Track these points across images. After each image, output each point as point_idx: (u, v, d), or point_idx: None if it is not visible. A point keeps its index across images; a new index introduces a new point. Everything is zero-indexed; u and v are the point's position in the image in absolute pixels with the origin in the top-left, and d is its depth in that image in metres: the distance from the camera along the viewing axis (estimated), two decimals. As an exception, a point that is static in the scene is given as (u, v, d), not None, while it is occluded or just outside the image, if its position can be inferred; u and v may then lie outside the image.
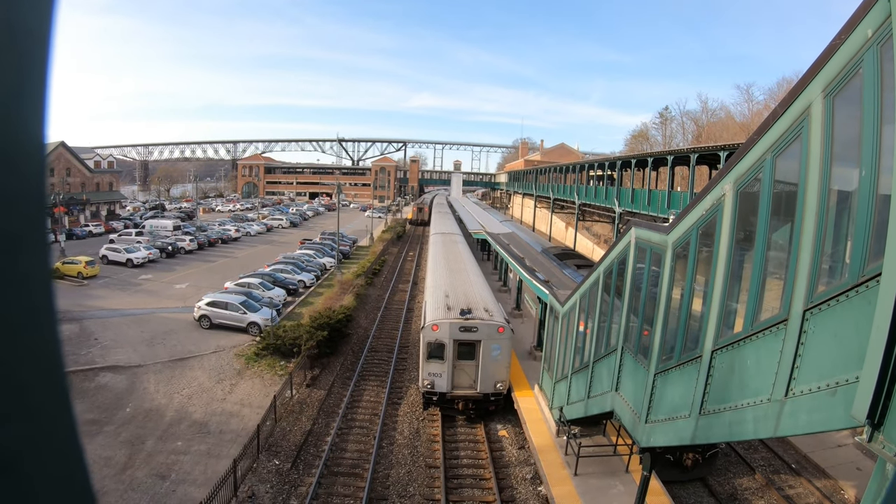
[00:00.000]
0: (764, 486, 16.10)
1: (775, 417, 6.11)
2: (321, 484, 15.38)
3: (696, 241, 8.71)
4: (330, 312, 27.35)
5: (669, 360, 9.67)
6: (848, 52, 4.81)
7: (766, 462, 17.54)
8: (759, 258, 6.80)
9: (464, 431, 19.05)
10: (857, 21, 4.63)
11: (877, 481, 4.14)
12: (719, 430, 7.70)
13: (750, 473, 16.78)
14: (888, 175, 4.30)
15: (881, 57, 4.38)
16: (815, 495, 15.69)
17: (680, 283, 9.55)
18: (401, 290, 39.64)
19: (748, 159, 6.97)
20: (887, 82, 4.32)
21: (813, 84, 5.37)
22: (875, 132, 4.46)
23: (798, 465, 17.28)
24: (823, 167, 5.34)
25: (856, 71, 4.73)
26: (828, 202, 5.35)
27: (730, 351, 7.58)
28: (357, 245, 59.17)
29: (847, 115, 4.99)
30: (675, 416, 9.27)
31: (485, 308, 20.32)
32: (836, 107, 5.11)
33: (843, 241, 5.16)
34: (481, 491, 15.51)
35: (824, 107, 5.24)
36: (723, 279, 7.80)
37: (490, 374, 19.12)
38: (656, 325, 10.18)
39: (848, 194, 5.13)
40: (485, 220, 54.92)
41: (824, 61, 5.14)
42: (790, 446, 18.10)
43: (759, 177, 6.76)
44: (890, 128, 4.25)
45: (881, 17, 4.33)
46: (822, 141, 5.33)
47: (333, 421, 19.15)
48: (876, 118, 4.45)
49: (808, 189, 5.63)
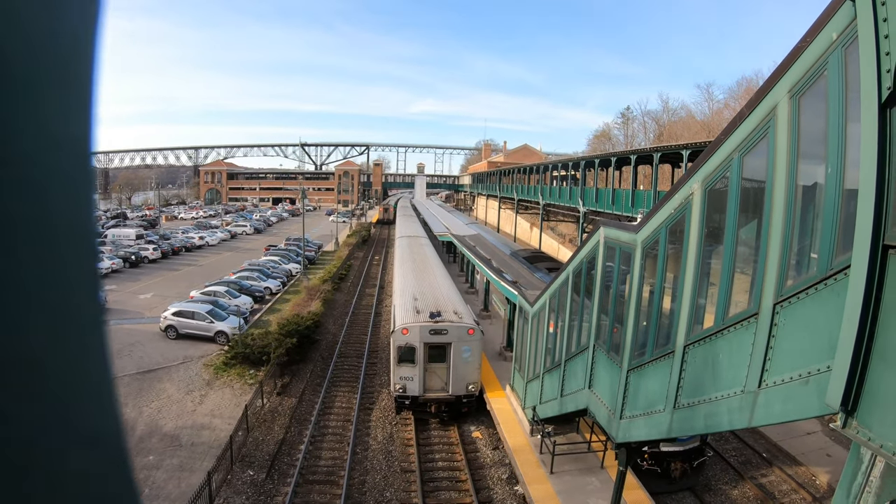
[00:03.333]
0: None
1: (750, 408, 6.29)
2: (297, 493, 15.16)
3: (665, 240, 8.90)
4: (298, 319, 27.03)
5: (642, 357, 9.84)
6: (813, 54, 5.00)
7: (737, 452, 18.00)
8: (728, 254, 6.99)
9: (437, 434, 19.03)
10: (823, 24, 4.83)
11: (852, 465, 4.31)
12: (695, 423, 7.86)
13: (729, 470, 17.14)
14: (854, 171, 4.48)
15: (846, 59, 4.58)
16: (788, 483, 16.18)
17: (650, 281, 9.73)
18: (368, 294, 39.44)
19: (716, 158, 7.16)
20: (852, 83, 4.50)
21: (779, 85, 5.56)
22: (840, 131, 4.65)
23: (769, 453, 17.79)
24: (790, 165, 5.53)
25: (821, 72, 4.92)
26: (795, 198, 5.54)
27: (702, 345, 7.76)
28: (323, 250, 58.77)
29: (813, 115, 5.18)
30: (650, 410, 9.44)
31: (454, 310, 20.35)
32: (801, 107, 5.31)
33: (810, 235, 5.35)
34: (458, 493, 15.51)
35: (790, 107, 5.43)
36: (693, 276, 7.99)
37: (461, 375, 19.13)
38: (627, 322, 10.35)
39: (815, 190, 5.33)
40: (450, 222, 54.94)
41: (790, 63, 5.33)
42: (761, 436, 18.61)
43: (726, 175, 6.95)
44: (855, 126, 4.43)
45: (846, 21, 4.52)
46: (788, 140, 5.52)
47: (306, 428, 18.91)
48: (841, 117, 4.64)
49: (775, 186, 5.81)
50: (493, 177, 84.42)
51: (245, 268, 42.27)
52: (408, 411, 19.64)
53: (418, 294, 22.25)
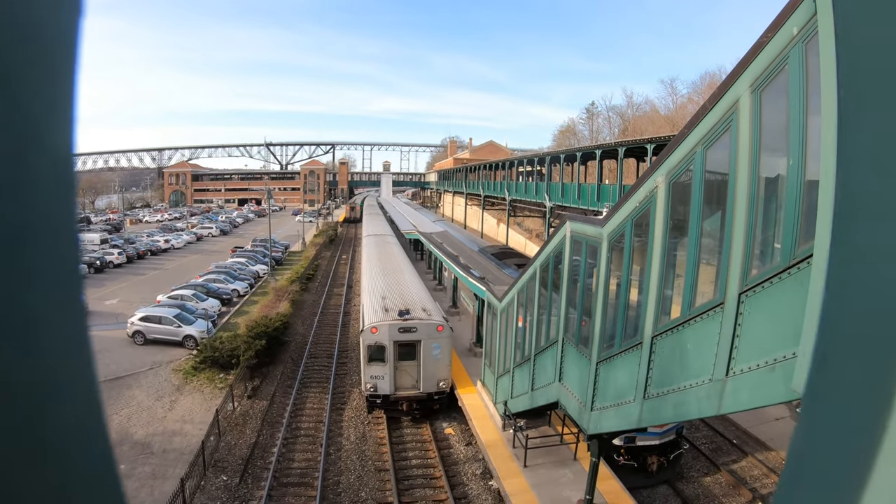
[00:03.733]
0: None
1: (718, 396, 6.39)
2: (272, 496, 14.92)
3: (630, 232, 8.99)
4: (266, 321, 26.62)
5: (611, 349, 9.93)
6: (774, 49, 5.09)
7: (708, 440, 18.36)
8: (693, 246, 7.09)
9: (410, 432, 18.94)
10: (784, 19, 4.91)
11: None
12: (665, 412, 7.97)
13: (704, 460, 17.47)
14: (815, 162, 4.57)
15: (806, 53, 4.67)
16: (759, 468, 16.54)
17: (617, 274, 9.82)
18: (336, 294, 39.12)
19: (679, 152, 7.25)
20: (812, 77, 4.59)
21: (741, 80, 5.65)
22: (801, 123, 4.74)
23: (740, 440, 18.18)
24: (753, 157, 5.62)
25: (782, 67, 5.01)
26: (758, 190, 5.64)
27: (670, 336, 7.86)
28: (290, 250, 58.11)
29: (774, 109, 5.27)
30: (620, 401, 9.53)
31: (422, 308, 20.29)
32: (763, 101, 5.40)
33: (773, 226, 5.45)
34: (433, 490, 15.45)
35: (752, 101, 5.52)
36: (659, 267, 8.08)
37: (432, 373, 19.09)
38: (595, 315, 10.44)
39: (777, 182, 5.42)
40: (416, 219, 54.79)
41: (751, 58, 5.42)
42: (731, 423, 19.00)
43: (690, 168, 7.05)
44: (815, 119, 4.52)
45: (806, 16, 4.61)
46: (750, 133, 5.61)
47: (278, 431, 18.62)
48: (802, 110, 4.73)
49: (738, 178, 5.91)
50: (460, 173, 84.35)
51: (212, 270, 41.41)
52: (379, 410, 19.48)
53: (387, 292, 22.11)
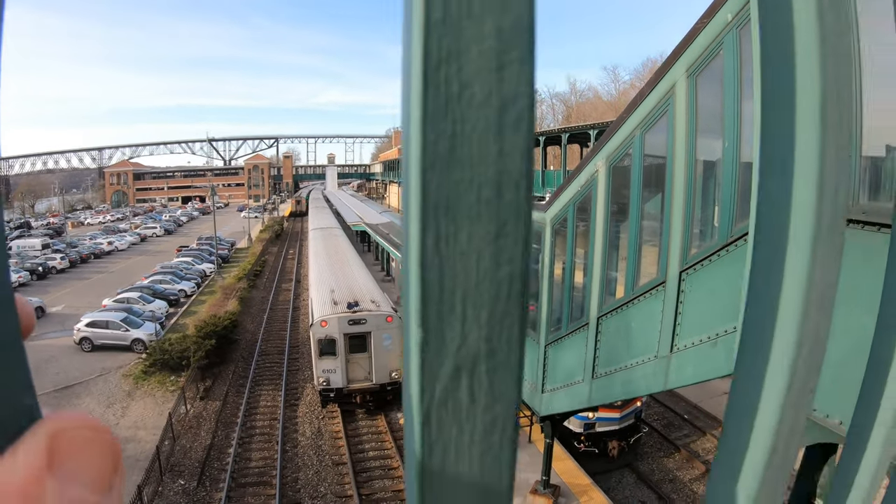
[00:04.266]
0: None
1: (664, 372, 6.57)
2: (231, 497, 14.55)
3: (573, 216, 9.10)
4: (215, 320, 25.90)
5: (559, 331, 10.08)
6: (709, 35, 5.20)
7: (660, 416, 18.87)
8: (634, 227, 7.23)
9: (365, 424, 18.76)
10: (719, 6, 5.01)
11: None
12: (613, 391, 8.15)
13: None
14: (749, 146, 4.70)
15: (740, 39, 4.78)
16: (711, 440, 17.08)
17: (561, 258, 9.94)
18: (284, 289, 38.48)
19: (618, 136, 7.36)
20: (746, 62, 4.71)
21: (677, 65, 5.75)
22: (736, 107, 4.87)
23: (690, 415, 18.76)
24: (689, 140, 5.75)
25: (717, 52, 5.12)
26: (695, 172, 5.78)
27: (615, 316, 8.02)
28: (236, 247, 56.60)
29: (709, 93, 5.40)
30: (570, 382, 9.69)
31: (371, 299, 20.05)
32: (699, 85, 5.52)
33: (711, 206, 5.61)
34: (391, 480, 15.37)
35: (688, 85, 5.64)
36: (602, 249, 8.22)
37: (384, 364, 18.89)
38: (541, 299, 10.55)
39: (713, 163, 5.57)
40: (363, 211, 54.16)
41: (687, 44, 5.52)
42: (680, 399, 19.53)
43: (629, 152, 7.17)
44: (749, 103, 4.64)
45: (740, 3, 4.71)
46: (686, 116, 5.73)
47: (233, 431, 18.14)
48: (736, 94, 4.85)
49: (675, 160, 6.04)
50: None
51: (157, 271, 40.19)
52: (333, 404, 19.17)
53: (335, 285, 21.75)
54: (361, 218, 46.01)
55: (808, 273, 0.51)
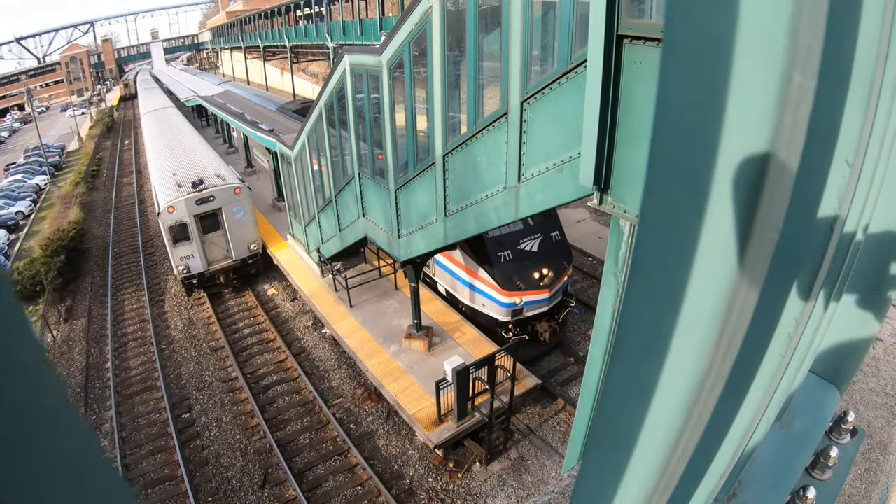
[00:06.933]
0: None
1: (514, 202, 6.74)
2: (121, 413, 13.76)
3: (410, 57, 8.46)
4: (60, 234, 23.33)
5: (406, 174, 9.90)
6: None
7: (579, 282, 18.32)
8: (472, 59, 6.87)
9: (235, 303, 18.21)
10: None
11: (615, 237, 4.89)
12: (467, 226, 8.32)
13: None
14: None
15: None
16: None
17: (401, 100, 9.43)
18: (127, 183, 35.58)
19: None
20: None
21: None
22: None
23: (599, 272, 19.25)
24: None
25: None
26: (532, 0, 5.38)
27: (460, 152, 7.93)
28: (67, 151, 50.30)
29: None
30: (424, 224, 9.77)
31: (216, 174, 18.66)
32: None
33: (550, 34, 5.35)
34: (272, 353, 15.37)
35: None
36: (441, 87, 7.85)
37: (240, 238, 18.05)
38: (386, 144, 10.17)
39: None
40: (196, 85, 47.84)
41: None
42: (588, 256, 19.35)
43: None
44: None
45: None
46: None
47: (106, 346, 16.76)
48: None
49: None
50: (235, 27, 73.78)
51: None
52: (199, 290, 18.42)
53: (176, 168, 19.83)
54: (195, 92, 40.81)
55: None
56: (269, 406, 13.42)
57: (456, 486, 10.79)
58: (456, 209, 8.56)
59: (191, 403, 13.83)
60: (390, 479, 11.03)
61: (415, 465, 11.35)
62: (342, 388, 13.74)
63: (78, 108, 73.12)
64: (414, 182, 9.74)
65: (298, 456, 11.85)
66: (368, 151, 11.40)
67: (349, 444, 11.77)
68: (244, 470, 11.69)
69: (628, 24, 4.13)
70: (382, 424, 12.44)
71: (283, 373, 14.55)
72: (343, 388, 13.73)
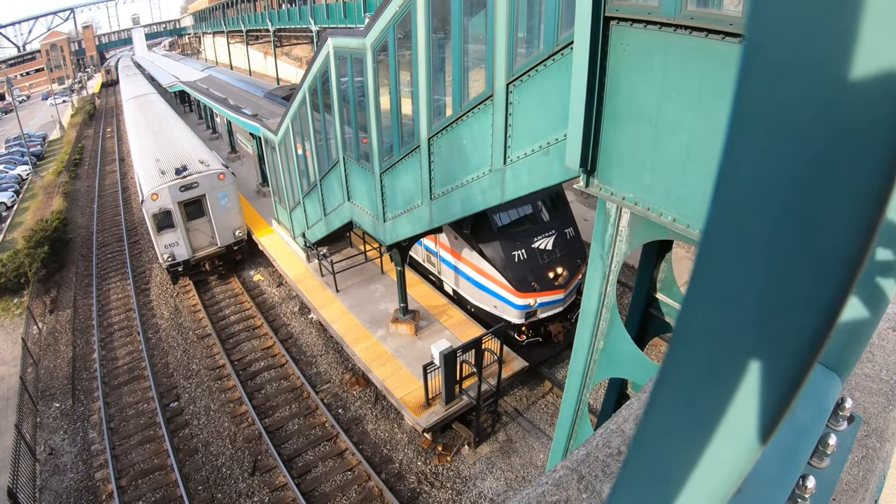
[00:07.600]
0: None
1: (500, 185, 6.66)
2: (109, 403, 13.60)
3: (394, 39, 8.30)
4: (43, 224, 23.20)
5: (391, 158, 9.77)
6: None
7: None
8: (457, 41, 6.73)
9: (221, 290, 17.99)
10: None
11: (601, 220, 4.84)
12: (453, 209, 8.23)
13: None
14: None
15: None
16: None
17: (386, 83, 9.28)
18: (110, 171, 34.78)
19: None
20: None
21: None
22: None
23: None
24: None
25: None
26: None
27: (445, 134, 7.81)
28: (49, 140, 48.94)
29: None
30: (409, 207, 9.67)
31: (199, 160, 18.25)
32: None
33: (536, 16, 5.24)
34: (259, 340, 15.26)
35: None
36: (426, 69, 7.71)
37: (225, 224, 17.79)
38: (371, 128, 10.03)
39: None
40: (179, 71, 46.76)
41: None
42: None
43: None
44: None
45: None
46: None
47: (92, 336, 16.49)
48: None
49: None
50: (217, 11, 72.13)
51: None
52: (184, 277, 18.14)
53: (159, 155, 19.40)
54: (178, 78, 39.91)
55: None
56: (258, 393, 13.34)
57: (445, 469, 10.84)
58: (441, 192, 8.46)
59: (179, 392, 13.72)
60: (380, 463, 11.05)
61: (404, 448, 11.38)
62: (330, 374, 13.69)
63: (59, 97, 71.85)
64: (399, 165, 9.61)
65: (287, 442, 11.82)
66: (353, 135, 11.24)
67: (338, 430, 11.75)
68: (234, 458, 11.64)
69: (615, 6, 4.04)
70: (371, 409, 12.43)
71: (270, 359, 14.45)
72: (331, 374, 13.68)
